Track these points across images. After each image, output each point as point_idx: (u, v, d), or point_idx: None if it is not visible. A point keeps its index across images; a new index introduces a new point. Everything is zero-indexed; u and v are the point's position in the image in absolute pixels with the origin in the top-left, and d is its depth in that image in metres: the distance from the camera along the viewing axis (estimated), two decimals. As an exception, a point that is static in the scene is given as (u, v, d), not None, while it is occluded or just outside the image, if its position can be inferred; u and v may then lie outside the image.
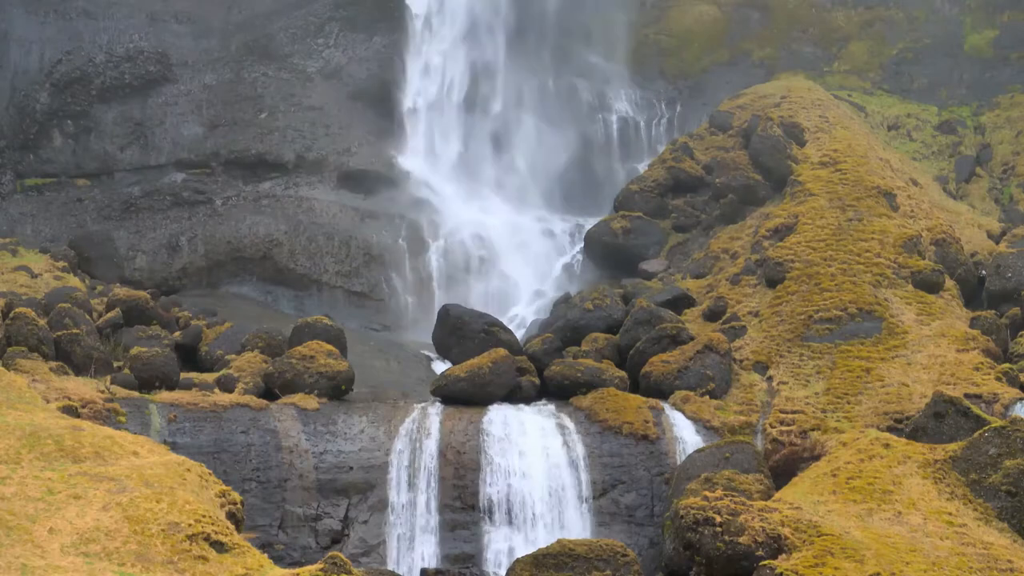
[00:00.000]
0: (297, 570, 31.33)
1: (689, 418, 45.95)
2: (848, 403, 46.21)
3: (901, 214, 55.79)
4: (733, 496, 37.24)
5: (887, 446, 40.53)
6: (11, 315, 45.59)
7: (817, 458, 43.03)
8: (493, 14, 73.43)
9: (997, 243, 58.00)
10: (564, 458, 44.32)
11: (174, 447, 40.77)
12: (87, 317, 48.55)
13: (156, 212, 64.46)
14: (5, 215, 64.02)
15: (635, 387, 48.28)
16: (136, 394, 43.78)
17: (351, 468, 43.85)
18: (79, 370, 45.16)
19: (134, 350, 46.20)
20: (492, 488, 43.60)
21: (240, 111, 67.53)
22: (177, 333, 50.72)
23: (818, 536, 35.59)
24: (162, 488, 32.68)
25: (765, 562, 34.83)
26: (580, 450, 44.54)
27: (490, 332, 49.98)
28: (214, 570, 30.35)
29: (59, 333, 45.93)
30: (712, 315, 52.58)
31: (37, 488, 32.00)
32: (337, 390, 46.08)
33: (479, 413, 45.35)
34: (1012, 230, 58.88)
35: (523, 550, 41.22)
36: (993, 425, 39.88)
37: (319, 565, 31.02)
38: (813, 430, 45.12)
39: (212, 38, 68.78)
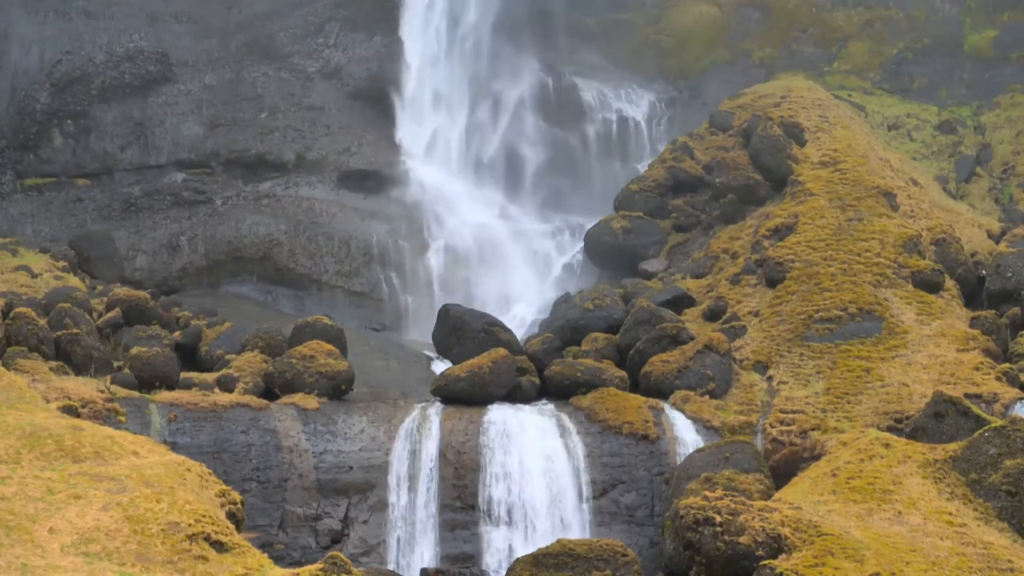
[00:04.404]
0: (297, 570, 31.33)
1: (689, 418, 45.95)
2: (848, 403, 46.21)
3: (901, 214, 55.79)
4: (733, 496, 37.23)
5: (887, 446, 40.54)
6: (11, 315, 45.59)
7: (817, 458, 43.03)
8: (493, 13, 73.43)
9: (997, 243, 57.98)
10: (564, 458, 44.33)
11: (174, 447, 40.75)
12: (87, 317, 48.55)
13: (156, 212, 64.49)
14: (5, 215, 64.03)
15: (635, 387, 48.29)
16: (136, 394, 43.77)
17: (351, 468, 43.86)
18: (79, 370, 45.16)
19: (134, 350, 46.20)
20: (492, 488, 43.60)
21: (240, 111, 67.56)
22: (177, 333, 50.73)
23: (818, 536, 35.59)
24: (162, 488, 32.69)
25: (765, 562, 34.83)
26: (580, 450, 44.54)
27: (490, 332, 49.98)
28: (214, 570, 30.36)
29: (59, 333, 45.93)
30: (712, 315, 52.59)
31: (37, 488, 32.00)
32: (337, 390, 46.08)
33: (479, 413, 45.35)
34: (1012, 230, 58.86)
35: (523, 550, 41.22)
36: (993, 425, 39.88)
37: (319, 565, 31.02)
38: (813, 430, 45.12)
39: (212, 38, 68.78)
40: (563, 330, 51.74)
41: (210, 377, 46.48)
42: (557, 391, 47.62)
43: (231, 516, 34.07)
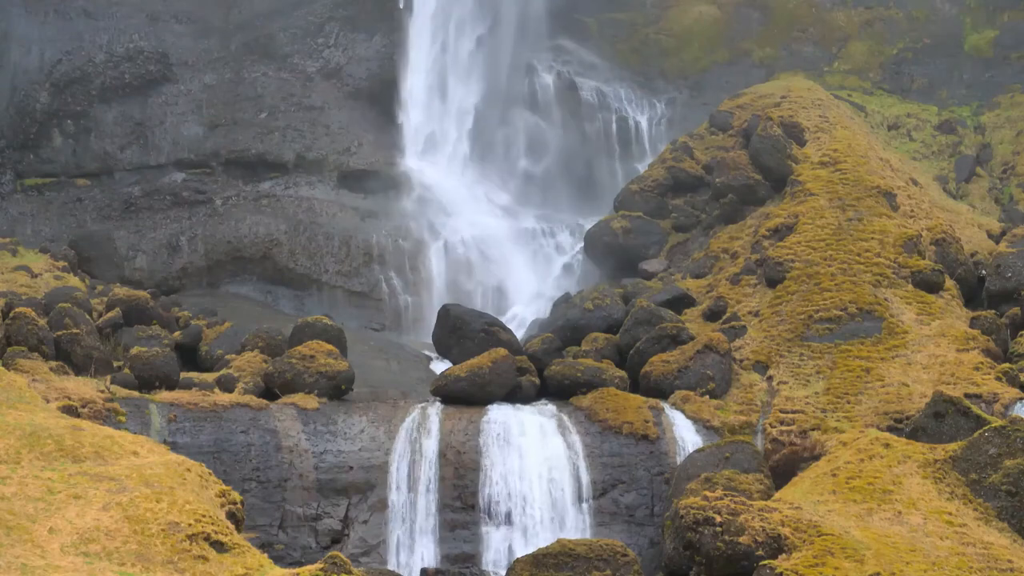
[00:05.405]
0: (297, 570, 31.35)
1: (689, 418, 45.97)
2: (848, 403, 46.21)
3: (901, 214, 55.79)
4: (733, 496, 37.25)
5: (887, 446, 40.55)
6: (11, 315, 45.60)
7: (817, 458, 43.05)
8: (494, 13, 73.41)
9: (997, 243, 57.96)
10: (564, 458, 44.33)
11: (174, 447, 40.78)
12: (87, 317, 48.56)
13: (156, 212, 64.49)
14: (5, 215, 64.02)
15: (635, 387, 48.30)
16: (136, 394, 43.78)
17: (351, 468, 43.86)
18: (79, 370, 45.16)
19: (134, 350, 46.21)
20: (492, 488, 43.61)
21: (240, 111, 67.55)
22: (177, 333, 50.75)
23: (818, 536, 35.61)
24: (162, 488, 32.69)
25: (765, 562, 34.84)
26: (580, 450, 44.55)
27: (490, 332, 49.98)
28: (214, 570, 30.36)
29: (59, 333, 45.94)
30: (712, 315, 52.59)
31: (37, 488, 32.01)
32: (337, 390, 46.09)
33: (479, 413, 45.36)
34: (1012, 230, 58.82)
35: (523, 550, 41.26)
36: (993, 425, 39.90)
37: (319, 565, 31.04)
38: (813, 430, 45.13)
39: (212, 38, 68.77)
40: (563, 330, 51.76)
41: (210, 377, 46.48)
42: (557, 391, 47.63)
43: (231, 516, 34.09)
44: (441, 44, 72.24)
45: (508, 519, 43.34)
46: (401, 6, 70.65)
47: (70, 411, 40.06)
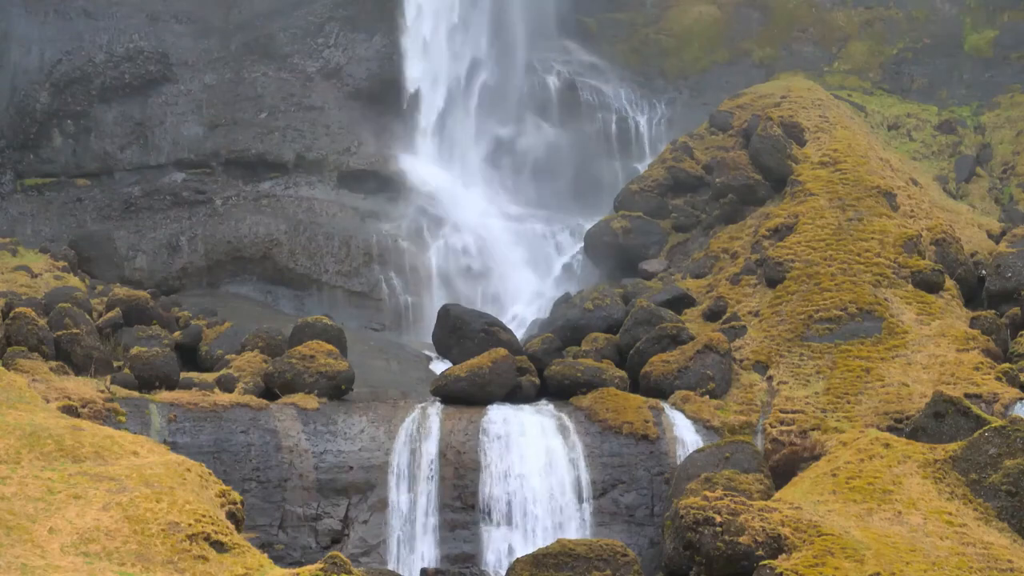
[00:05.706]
0: (297, 570, 31.35)
1: (689, 418, 45.96)
2: (848, 403, 46.21)
3: (901, 214, 55.79)
4: (733, 496, 37.25)
5: (887, 446, 40.55)
6: (11, 315, 45.60)
7: (817, 458, 43.05)
8: (494, 13, 73.37)
9: (997, 243, 57.96)
10: (564, 458, 44.33)
11: (174, 447, 40.78)
12: (87, 317, 48.56)
13: (156, 212, 64.48)
14: (5, 215, 64.01)
15: (635, 387, 48.30)
16: (136, 394, 43.77)
17: (351, 468, 43.86)
18: (79, 370, 45.16)
19: (134, 350, 46.21)
20: (492, 488, 43.60)
21: (240, 111, 67.53)
22: (177, 333, 50.74)
23: (818, 536, 35.61)
24: (162, 488, 32.70)
25: (765, 562, 34.85)
26: (580, 450, 44.55)
27: (490, 332, 49.98)
28: (214, 570, 30.37)
29: (59, 333, 45.94)
30: (712, 315, 52.59)
31: (37, 488, 32.01)
32: (337, 390, 46.09)
33: (479, 413, 45.35)
34: (1012, 230, 58.82)
35: (523, 550, 41.25)
36: (993, 425, 39.91)
37: (319, 565, 31.04)
38: (813, 430, 45.13)
39: (212, 38, 68.75)
40: (563, 330, 51.76)
41: (210, 377, 46.48)
42: (557, 391, 47.62)
43: (231, 516, 34.09)
44: (440, 45, 71.96)
45: (508, 519, 43.34)
46: (400, 6, 70.53)
47: (70, 411, 40.06)
